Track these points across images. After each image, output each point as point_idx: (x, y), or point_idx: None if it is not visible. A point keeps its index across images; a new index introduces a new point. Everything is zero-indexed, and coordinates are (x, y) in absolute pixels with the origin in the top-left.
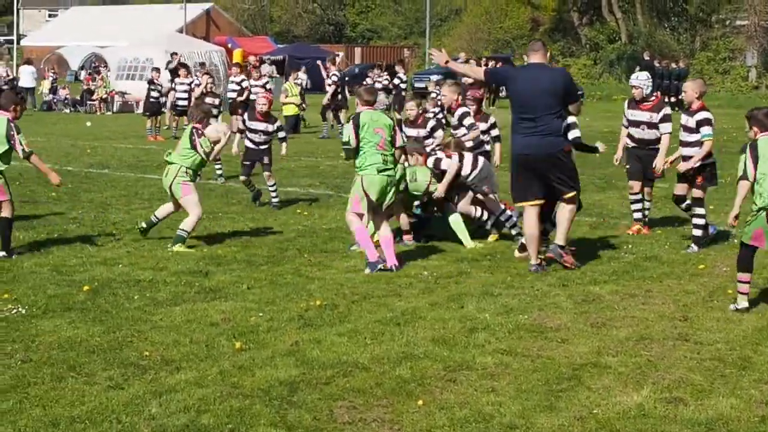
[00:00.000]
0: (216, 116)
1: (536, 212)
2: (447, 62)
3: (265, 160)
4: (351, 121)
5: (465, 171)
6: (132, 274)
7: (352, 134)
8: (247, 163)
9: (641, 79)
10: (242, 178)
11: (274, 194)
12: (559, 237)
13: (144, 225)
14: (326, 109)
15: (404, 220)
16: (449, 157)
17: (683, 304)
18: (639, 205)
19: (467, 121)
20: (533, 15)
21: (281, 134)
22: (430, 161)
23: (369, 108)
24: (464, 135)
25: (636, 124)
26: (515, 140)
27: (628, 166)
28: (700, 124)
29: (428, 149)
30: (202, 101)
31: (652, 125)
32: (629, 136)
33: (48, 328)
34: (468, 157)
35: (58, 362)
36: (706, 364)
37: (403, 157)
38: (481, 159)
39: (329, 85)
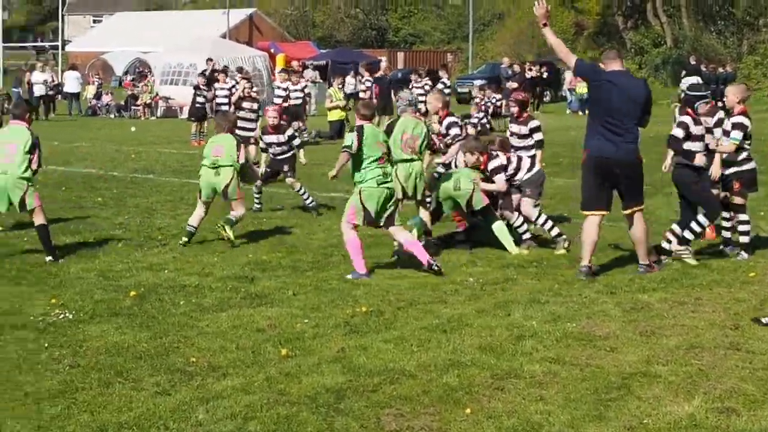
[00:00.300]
0: (255, 120)
1: (599, 221)
2: (545, 25)
3: (285, 168)
4: (355, 131)
5: (521, 173)
6: (178, 280)
7: (355, 140)
8: (268, 170)
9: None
10: (258, 182)
11: (305, 197)
12: (642, 257)
13: (185, 239)
14: None
15: (425, 217)
16: (508, 160)
17: (734, 313)
18: None
19: (453, 131)
20: (577, 19)
21: (296, 141)
22: (493, 163)
23: (367, 122)
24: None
25: None
26: (594, 143)
27: None
28: (733, 127)
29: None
30: (239, 106)
31: (708, 130)
32: None
33: (95, 333)
34: (526, 160)
35: (106, 368)
36: (759, 374)
37: (428, 157)
38: (537, 165)
39: (363, 91)
